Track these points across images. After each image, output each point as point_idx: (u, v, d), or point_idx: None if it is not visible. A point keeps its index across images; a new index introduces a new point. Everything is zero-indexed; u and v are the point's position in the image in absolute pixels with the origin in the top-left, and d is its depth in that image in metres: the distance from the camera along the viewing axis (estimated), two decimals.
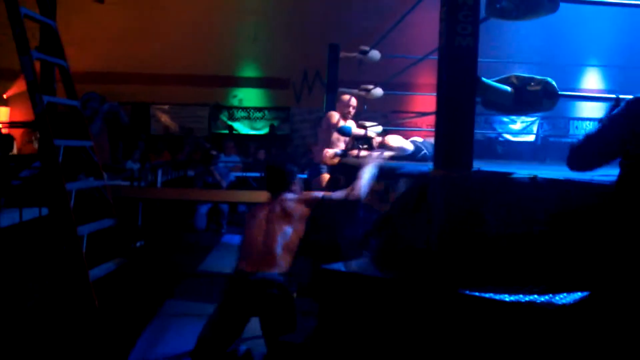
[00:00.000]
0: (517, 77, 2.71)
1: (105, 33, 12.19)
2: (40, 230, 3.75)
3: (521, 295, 1.96)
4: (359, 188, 3.41)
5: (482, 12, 2.54)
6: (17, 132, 10.90)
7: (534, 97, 2.66)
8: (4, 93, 12.59)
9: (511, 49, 9.97)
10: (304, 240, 3.39)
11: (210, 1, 12.43)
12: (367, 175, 3.47)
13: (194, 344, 3.08)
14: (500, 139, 12.78)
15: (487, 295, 1.99)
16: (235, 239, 7.46)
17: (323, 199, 3.46)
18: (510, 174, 2.35)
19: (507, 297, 1.97)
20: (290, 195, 3.52)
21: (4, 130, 9.69)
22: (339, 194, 3.49)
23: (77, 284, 3.76)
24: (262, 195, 5.69)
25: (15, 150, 10.29)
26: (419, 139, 4.99)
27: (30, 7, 4.21)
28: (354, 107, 5.81)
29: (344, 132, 5.27)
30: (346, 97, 5.93)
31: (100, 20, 11.80)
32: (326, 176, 5.56)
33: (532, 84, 2.68)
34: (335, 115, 5.69)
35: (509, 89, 2.63)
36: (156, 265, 5.54)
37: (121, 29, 12.30)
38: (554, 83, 2.67)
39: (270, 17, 12.92)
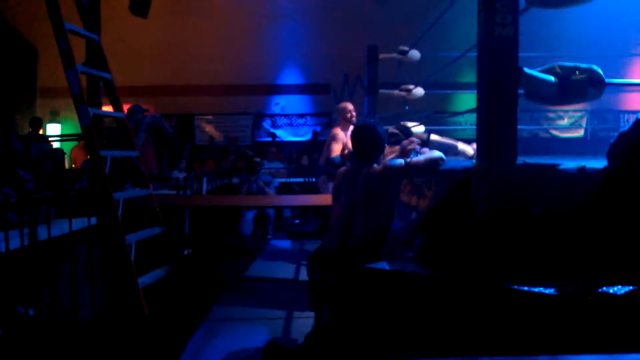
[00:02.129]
0: (561, 67, 2.63)
1: (148, 47, 12.48)
2: (89, 240, 3.82)
3: (569, 289, 1.89)
4: (429, 153, 3.15)
5: (522, 4, 2.48)
6: (72, 148, 11.25)
7: (579, 86, 2.58)
8: (57, 110, 13.05)
9: (553, 41, 9.72)
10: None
11: (249, 10, 12.57)
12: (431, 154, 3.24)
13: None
14: (548, 135, 12.46)
15: (535, 289, 1.93)
16: (280, 244, 7.51)
17: (406, 164, 3.05)
18: (556, 165, 2.27)
19: (553, 291, 1.91)
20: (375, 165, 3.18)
21: (55, 145, 9.99)
22: (420, 158, 3.15)
23: (126, 291, 3.83)
24: (306, 199, 5.72)
25: (68, 166, 10.61)
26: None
27: (76, 24, 4.33)
28: (353, 111, 5.89)
29: (333, 163, 5.36)
30: (343, 104, 6.00)
31: (144, 34, 12.06)
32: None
33: (577, 72, 2.60)
34: (339, 132, 5.83)
35: (552, 78, 2.55)
36: (203, 272, 5.61)
37: (164, 42, 12.57)
38: (599, 71, 2.58)
39: (308, 22, 12.98)
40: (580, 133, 12.56)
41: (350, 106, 5.96)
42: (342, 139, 5.76)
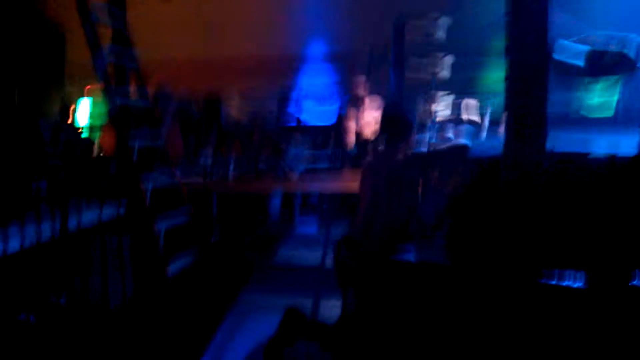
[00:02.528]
0: (595, 37, 2.52)
1: (174, 28, 12.43)
2: (119, 228, 3.87)
3: (598, 281, 1.85)
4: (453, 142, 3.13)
5: None
6: (101, 135, 11.35)
7: (613, 58, 2.47)
8: (85, 90, 13.13)
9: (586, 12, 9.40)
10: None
11: None
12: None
13: None
14: (576, 115, 12.17)
15: (564, 283, 1.90)
16: (307, 229, 7.51)
17: (429, 153, 3.13)
18: (586, 154, 2.21)
19: (583, 284, 1.87)
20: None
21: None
22: (444, 147, 3.12)
23: (155, 278, 3.88)
24: (333, 184, 5.69)
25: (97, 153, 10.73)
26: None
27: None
28: (364, 84, 5.96)
29: None
30: (356, 78, 5.87)
31: (170, 15, 12.01)
32: None
33: (612, 44, 2.49)
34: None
35: (585, 48, 2.45)
36: (231, 258, 5.64)
37: (190, 24, 12.51)
38: (636, 41, 2.47)
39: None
40: (609, 113, 12.21)
41: (361, 79, 5.81)
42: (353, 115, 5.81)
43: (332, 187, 5.72)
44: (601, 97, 12.04)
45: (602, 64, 2.46)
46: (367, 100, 5.69)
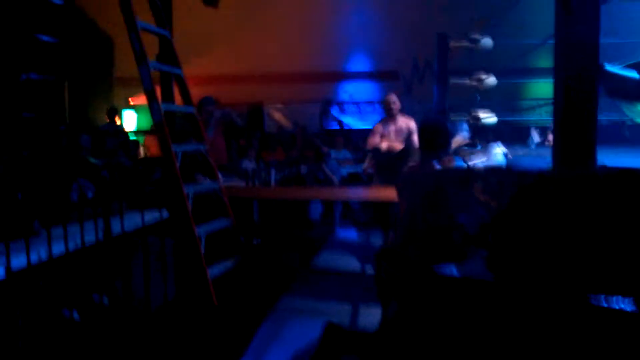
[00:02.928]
0: None
1: (219, 36, 12.68)
2: (161, 232, 3.94)
3: None
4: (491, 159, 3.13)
5: None
6: (146, 137, 11.65)
7: None
8: (131, 98, 13.52)
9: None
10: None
11: None
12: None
13: None
14: (629, 122, 11.81)
15: (617, 306, 1.82)
16: (347, 234, 7.50)
17: (468, 168, 3.13)
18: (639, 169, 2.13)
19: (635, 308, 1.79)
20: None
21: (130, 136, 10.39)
22: (482, 163, 3.12)
23: (196, 282, 3.93)
24: (373, 193, 5.67)
25: (143, 154, 11.00)
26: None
27: (148, 19, 4.44)
28: (395, 104, 5.77)
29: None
30: (386, 97, 5.89)
31: (215, 23, 12.27)
32: None
33: None
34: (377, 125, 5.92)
35: (638, 75, 2.40)
36: (272, 262, 5.68)
37: (234, 32, 12.74)
38: None
39: (377, 7, 12.81)
40: None
41: (392, 98, 5.87)
42: (379, 131, 5.79)
43: (371, 195, 5.69)
44: None
45: None
46: (399, 118, 5.68)
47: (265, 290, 4.66)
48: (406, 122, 5.76)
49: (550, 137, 6.96)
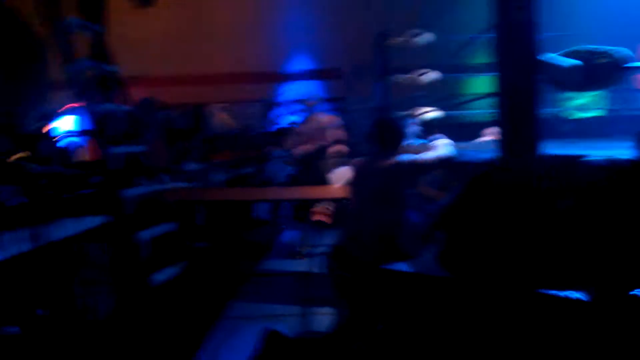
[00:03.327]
0: (585, 51, 2.50)
1: (158, 36, 12.43)
2: (102, 238, 3.77)
3: (601, 293, 1.79)
4: (439, 150, 3.10)
5: None
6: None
7: (605, 71, 2.44)
8: (68, 103, 13.04)
9: (571, 21, 9.47)
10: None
11: None
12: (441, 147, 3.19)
13: None
14: (566, 115, 12.21)
15: (566, 294, 1.83)
16: (296, 234, 7.42)
17: (416, 161, 3.05)
18: (580, 156, 2.15)
19: (586, 295, 1.81)
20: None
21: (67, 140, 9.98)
22: (430, 155, 3.09)
23: (140, 289, 3.78)
24: (319, 191, 5.63)
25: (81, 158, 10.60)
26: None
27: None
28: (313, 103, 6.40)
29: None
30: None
31: (153, 23, 12.01)
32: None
33: (600, 57, 2.46)
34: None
35: (576, 63, 2.43)
36: (219, 266, 5.55)
37: (173, 31, 12.51)
38: (627, 53, 2.44)
39: (319, 7, 12.83)
40: (598, 112, 12.28)
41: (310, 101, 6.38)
42: (300, 131, 6.36)
43: (318, 193, 5.64)
44: (589, 97, 12.06)
45: (591, 77, 2.42)
46: (319, 118, 6.20)
47: (212, 297, 4.54)
48: (326, 121, 6.25)
49: (488, 130, 7.07)
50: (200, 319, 3.98)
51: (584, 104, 12.27)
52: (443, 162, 2.99)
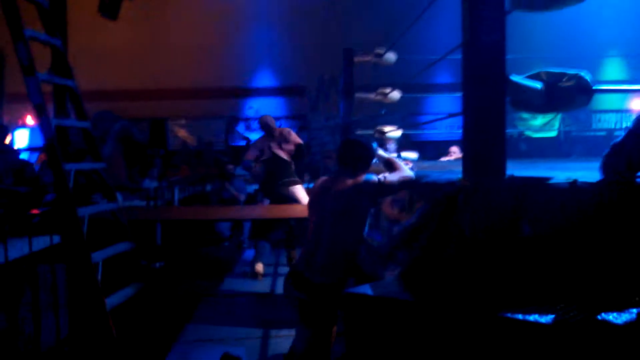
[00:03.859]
0: (547, 73, 2.51)
1: (118, 50, 12.24)
2: (52, 260, 3.61)
3: (565, 315, 1.76)
4: (402, 171, 3.09)
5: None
6: (40, 155, 10.92)
7: (566, 94, 2.45)
8: (24, 116, 12.70)
9: (531, 44, 9.69)
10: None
11: (222, 13, 12.41)
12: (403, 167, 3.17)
13: None
14: (522, 136, 12.48)
15: (530, 318, 1.79)
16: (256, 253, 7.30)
17: (380, 182, 3.00)
18: (547, 179, 2.14)
19: (549, 319, 1.77)
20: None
21: (22, 155, 9.67)
22: (394, 176, 3.07)
23: (93, 313, 3.61)
24: (279, 210, 5.55)
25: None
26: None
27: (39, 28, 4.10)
28: (272, 122, 6.38)
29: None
30: (263, 118, 6.46)
31: (113, 37, 11.83)
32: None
33: (564, 79, 2.47)
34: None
35: (539, 85, 2.43)
36: (176, 287, 5.40)
37: (134, 45, 12.34)
38: (587, 77, 2.46)
39: (282, 24, 12.85)
40: (553, 133, 12.61)
41: (268, 119, 6.39)
42: (259, 147, 6.27)
43: (279, 213, 5.56)
44: (545, 118, 12.33)
45: (555, 99, 2.43)
46: (277, 135, 6.29)
47: (169, 319, 4.39)
48: (285, 136, 6.25)
49: (453, 149, 7.13)
50: (157, 343, 3.84)
51: (539, 125, 12.57)
52: (406, 184, 2.97)
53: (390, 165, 3.21)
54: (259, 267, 5.82)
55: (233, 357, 3.04)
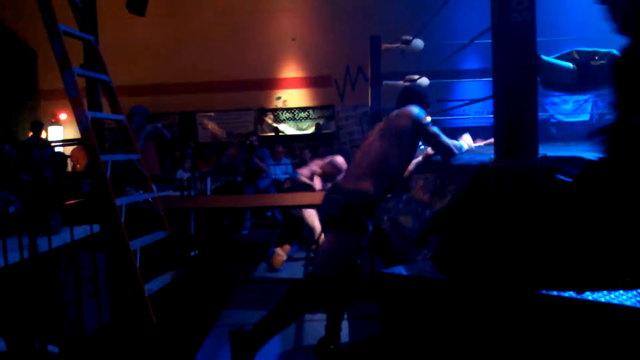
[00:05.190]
0: (579, 52, 2.50)
1: (147, 45, 12.43)
2: (93, 248, 3.72)
3: (606, 294, 1.77)
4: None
5: None
6: (73, 150, 11.17)
7: (599, 73, 2.44)
8: (57, 113, 12.99)
9: (563, 25, 9.52)
10: None
11: (247, 3, 12.48)
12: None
13: None
14: (553, 120, 12.29)
15: (566, 294, 1.81)
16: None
17: (423, 123, 3.14)
18: (580, 158, 2.14)
19: (589, 296, 1.79)
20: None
21: (57, 149, 9.92)
22: (439, 136, 3.20)
23: (133, 299, 3.72)
24: (312, 197, 5.60)
25: (70, 168, 10.54)
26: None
27: (72, 25, 4.21)
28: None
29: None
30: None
31: (143, 32, 12.03)
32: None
33: (597, 58, 2.46)
34: None
35: (571, 65, 2.42)
36: (211, 274, 5.50)
37: (163, 39, 12.51)
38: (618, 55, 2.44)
39: (308, 14, 12.87)
40: (585, 117, 12.39)
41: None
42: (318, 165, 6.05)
43: (314, 200, 5.61)
44: (575, 102, 12.11)
45: (587, 79, 2.42)
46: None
47: (206, 305, 4.49)
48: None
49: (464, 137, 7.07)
50: (194, 328, 3.93)
51: (570, 108, 12.37)
52: (445, 149, 3.06)
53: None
54: (281, 252, 5.82)
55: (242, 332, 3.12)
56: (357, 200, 2.99)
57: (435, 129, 3.13)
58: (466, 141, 3.35)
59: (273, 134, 13.12)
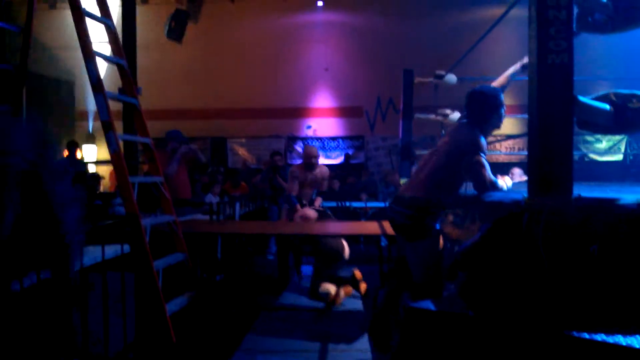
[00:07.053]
0: (617, 94, 2.48)
1: (183, 71, 12.70)
2: (120, 268, 3.76)
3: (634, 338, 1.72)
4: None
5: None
6: (111, 170, 11.40)
7: (636, 116, 2.42)
8: (94, 132, 13.32)
9: (598, 65, 9.45)
10: None
11: (281, 34, 12.71)
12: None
13: None
14: (586, 159, 12.13)
15: (598, 337, 1.77)
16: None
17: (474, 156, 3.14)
18: (616, 200, 2.11)
19: (621, 340, 1.75)
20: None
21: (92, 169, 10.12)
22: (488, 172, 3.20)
23: (155, 319, 3.74)
24: (342, 227, 5.60)
25: (102, 188, 10.73)
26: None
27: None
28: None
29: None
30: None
31: (179, 59, 12.33)
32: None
33: (635, 100, 2.44)
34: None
35: (608, 107, 2.41)
36: (236, 299, 5.50)
37: (198, 66, 12.79)
38: None
39: (341, 45, 13.03)
40: (619, 157, 12.20)
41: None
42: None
43: (342, 228, 5.60)
44: (609, 141, 11.95)
45: (623, 122, 2.41)
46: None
47: (229, 328, 4.49)
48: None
49: (515, 170, 7.00)
50: (217, 350, 3.93)
51: (605, 148, 12.20)
52: (486, 185, 3.02)
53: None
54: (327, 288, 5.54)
55: None
56: (417, 205, 3.11)
57: (483, 159, 3.08)
58: (505, 181, 3.30)
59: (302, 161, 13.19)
